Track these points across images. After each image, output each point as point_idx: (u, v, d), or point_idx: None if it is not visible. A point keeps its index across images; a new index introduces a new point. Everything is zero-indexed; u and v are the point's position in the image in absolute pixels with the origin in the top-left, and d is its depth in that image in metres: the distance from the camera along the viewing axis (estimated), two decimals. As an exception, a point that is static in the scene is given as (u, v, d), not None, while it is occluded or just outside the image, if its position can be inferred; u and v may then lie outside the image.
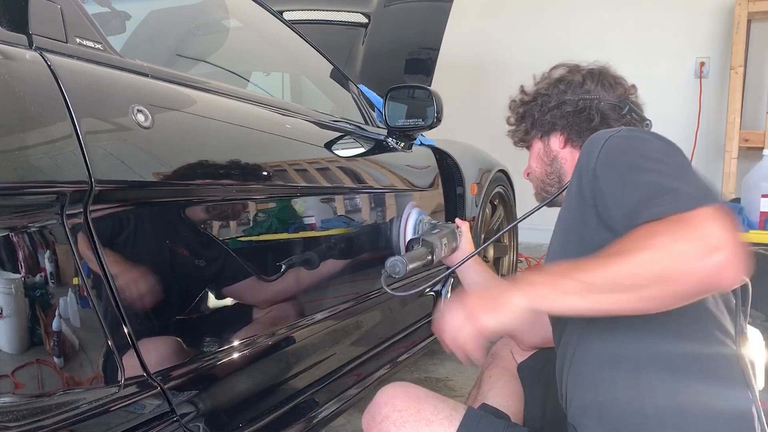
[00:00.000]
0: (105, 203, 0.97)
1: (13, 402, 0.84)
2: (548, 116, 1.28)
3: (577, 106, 1.25)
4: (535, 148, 1.34)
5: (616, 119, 1.25)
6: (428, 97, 1.99)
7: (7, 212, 0.84)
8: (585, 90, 1.27)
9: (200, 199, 1.20)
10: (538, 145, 1.33)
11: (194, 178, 1.16)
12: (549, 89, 1.30)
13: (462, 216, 2.42)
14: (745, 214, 2.89)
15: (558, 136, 1.29)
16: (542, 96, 1.30)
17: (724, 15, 3.80)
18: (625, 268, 0.80)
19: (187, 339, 1.16)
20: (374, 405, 1.11)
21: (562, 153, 1.29)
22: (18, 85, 0.86)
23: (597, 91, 1.26)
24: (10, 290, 0.86)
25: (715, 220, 0.79)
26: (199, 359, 1.17)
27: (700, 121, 3.84)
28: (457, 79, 4.07)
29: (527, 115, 1.33)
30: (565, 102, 1.26)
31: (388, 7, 2.85)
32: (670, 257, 0.78)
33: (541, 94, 1.31)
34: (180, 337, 1.15)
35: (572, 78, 1.29)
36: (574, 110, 1.25)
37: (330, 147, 1.67)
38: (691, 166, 0.92)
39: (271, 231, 1.39)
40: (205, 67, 1.78)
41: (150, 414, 1.02)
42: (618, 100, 1.26)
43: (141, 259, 1.07)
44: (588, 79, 1.28)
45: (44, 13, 0.99)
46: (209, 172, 1.19)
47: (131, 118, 1.03)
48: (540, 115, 1.30)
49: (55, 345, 0.91)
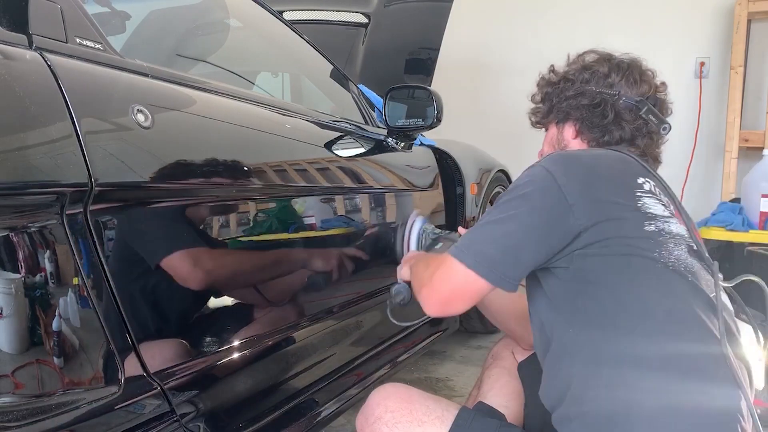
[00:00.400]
0: (105, 203, 0.97)
1: (13, 402, 0.84)
2: (565, 104, 1.27)
3: (594, 100, 1.23)
4: (550, 132, 1.33)
5: (630, 120, 1.22)
6: (428, 97, 1.99)
7: (7, 212, 0.84)
8: (608, 83, 1.23)
9: (200, 199, 1.20)
10: (552, 130, 1.32)
11: (194, 178, 1.16)
12: (575, 74, 1.27)
13: (462, 216, 2.42)
14: (745, 214, 2.89)
15: (572, 125, 1.27)
16: (567, 81, 1.28)
17: (724, 15, 3.79)
18: (416, 273, 1.25)
19: (187, 339, 1.16)
20: (367, 406, 1.11)
21: (572, 143, 1.28)
22: (18, 85, 0.86)
23: (620, 86, 1.23)
24: (10, 290, 0.86)
25: (442, 269, 1.07)
26: (199, 359, 1.17)
27: (700, 121, 3.83)
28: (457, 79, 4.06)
29: (548, 98, 1.31)
30: (584, 93, 1.24)
31: (388, 7, 2.85)
32: (418, 278, 1.20)
33: (566, 79, 1.28)
34: (180, 337, 1.15)
35: (599, 68, 1.25)
36: (590, 104, 1.23)
37: (330, 147, 1.67)
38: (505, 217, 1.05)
39: (271, 231, 1.39)
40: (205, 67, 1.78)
41: (150, 414, 1.02)
42: (638, 98, 1.22)
43: (141, 259, 1.07)
44: (614, 72, 1.24)
45: (44, 13, 0.99)
46: (209, 172, 1.19)
47: (131, 118, 1.03)
48: (558, 101, 1.28)
49: (55, 345, 0.91)
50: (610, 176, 1.07)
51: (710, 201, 3.50)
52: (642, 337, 0.96)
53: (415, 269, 1.26)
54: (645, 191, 1.06)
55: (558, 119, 1.30)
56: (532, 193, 1.04)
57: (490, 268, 1.02)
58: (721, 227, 2.88)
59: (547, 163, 1.07)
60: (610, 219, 1.01)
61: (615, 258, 1.00)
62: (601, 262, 1.00)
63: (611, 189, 1.04)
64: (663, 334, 0.97)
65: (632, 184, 1.06)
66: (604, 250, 1.00)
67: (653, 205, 1.05)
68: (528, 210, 1.03)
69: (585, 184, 1.03)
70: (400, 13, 2.90)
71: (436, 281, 1.08)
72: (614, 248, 1.00)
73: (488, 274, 1.02)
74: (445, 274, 1.07)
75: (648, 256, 1.00)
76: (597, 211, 1.01)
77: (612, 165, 1.10)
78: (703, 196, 3.75)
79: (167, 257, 1.13)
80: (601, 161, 1.10)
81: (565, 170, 1.04)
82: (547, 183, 1.03)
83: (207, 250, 1.23)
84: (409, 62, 2.86)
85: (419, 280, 1.18)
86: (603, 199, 1.02)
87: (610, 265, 1.00)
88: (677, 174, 3.77)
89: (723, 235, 2.84)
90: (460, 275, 1.04)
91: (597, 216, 1.00)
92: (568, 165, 1.06)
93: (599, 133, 1.23)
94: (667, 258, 1.01)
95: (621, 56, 1.28)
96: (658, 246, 1.01)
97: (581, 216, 1.00)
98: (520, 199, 1.04)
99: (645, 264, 1.00)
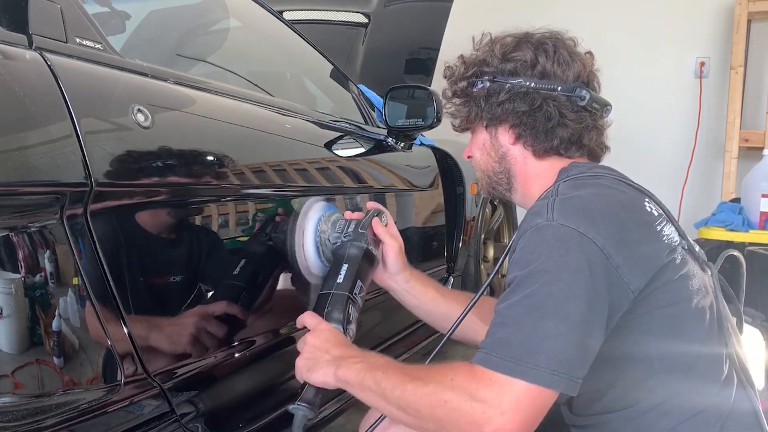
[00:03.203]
0: (105, 203, 0.97)
1: (13, 402, 0.84)
2: (499, 109, 1.08)
3: (534, 104, 1.05)
4: (479, 137, 1.15)
5: (573, 117, 1.06)
6: (428, 97, 1.99)
7: (7, 212, 0.84)
8: (538, 72, 1.05)
9: (200, 199, 1.20)
10: (483, 135, 1.14)
11: (194, 178, 1.16)
12: (495, 64, 1.08)
13: (462, 216, 2.42)
14: (745, 214, 2.89)
15: (508, 130, 1.10)
16: (487, 74, 1.09)
17: (724, 15, 3.79)
18: (413, 397, 0.85)
19: (186, 339, 1.15)
20: (371, 412, 1.11)
21: (513, 150, 1.11)
22: (18, 85, 0.86)
23: (553, 73, 1.05)
24: (10, 290, 0.86)
25: (505, 394, 0.79)
26: (199, 359, 1.17)
27: (700, 121, 3.83)
28: (457, 79, 4.06)
29: (472, 98, 1.11)
30: (518, 95, 1.05)
31: (388, 7, 2.85)
32: (447, 411, 0.81)
33: (485, 71, 1.09)
34: (180, 337, 1.15)
35: (522, 56, 1.07)
36: (530, 109, 1.05)
37: (330, 147, 1.67)
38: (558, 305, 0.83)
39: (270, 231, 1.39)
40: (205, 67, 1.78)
41: (150, 414, 1.02)
42: (575, 84, 1.05)
43: (141, 259, 1.07)
44: (541, 56, 1.06)
45: (44, 13, 0.99)
46: (209, 172, 1.19)
47: (131, 118, 1.03)
48: (488, 105, 1.09)
49: (55, 345, 0.91)
50: (632, 220, 0.95)
51: (710, 201, 3.50)
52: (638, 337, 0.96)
53: (402, 395, 0.87)
54: (657, 218, 0.98)
55: (487, 123, 1.12)
56: (578, 264, 0.85)
57: (569, 377, 0.81)
58: (721, 227, 2.88)
59: (569, 220, 0.89)
60: (655, 273, 0.91)
61: (661, 311, 0.93)
62: (650, 318, 0.93)
63: (642, 236, 0.93)
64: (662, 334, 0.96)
65: (650, 218, 0.97)
66: (651, 306, 0.92)
67: (670, 232, 0.98)
68: (583, 288, 0.84)
69: (619, 239, 0.89)
70: (400, 13, 2.90)
71: (509, 412, 0.79)
72: (660, 299, 0.93)
73: (567, 386, 0.82)
74: (514, 400, 0.79)
75: (686, 296, 0.95)
76: (641, 268, 0.90)
77: (624, 204, 0.97)
78: (703, 196, 3.75)
79: (167, 257, 1.13)
80: (613, 201, 0.96)
81: (596, 227, 0.88)
82: (589, 248, 0.87)
83: (207, 250, 1.23)
84: (409, 62, 2.87)
85: (437, 415, 0.83)
86: (641, 251, 0.91)
87: (656, 320, 0.93)
88: (677, 174, 3.77)
89: (723, 235, 2.84)
90: (531, 395, 0.80)
91: (643, 274, 0.90)
92: (591, 219, 0.90)
93: (545, 140, 1.07)
94: (695, 285, 0.97)
95: (539, 33, 1.11)
96: (689, 278, 0.97)
97: (631, 280, 0.88)
98: (566, 273, 0.85)
99: (686, 309, 0.95)
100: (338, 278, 1.14)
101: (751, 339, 1.20)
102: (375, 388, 0.90)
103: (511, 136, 1.10)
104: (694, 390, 0.95)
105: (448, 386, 0.83)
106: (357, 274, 1.15)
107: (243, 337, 1.29)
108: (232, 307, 1.28)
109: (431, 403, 0.83)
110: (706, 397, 0.96)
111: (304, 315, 1.12)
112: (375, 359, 0.97)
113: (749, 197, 2.93)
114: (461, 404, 0.81)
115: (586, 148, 1.10)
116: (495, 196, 1.22)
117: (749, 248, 2.71)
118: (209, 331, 1.22)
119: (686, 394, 0.95)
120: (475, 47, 1.14)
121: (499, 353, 0.82)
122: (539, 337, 0.81)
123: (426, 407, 0.84)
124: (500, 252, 2.88)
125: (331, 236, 1.25)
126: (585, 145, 1.10)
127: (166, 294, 1.13)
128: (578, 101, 1.05)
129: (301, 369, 1.03)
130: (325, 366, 0.99)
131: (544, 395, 0.81)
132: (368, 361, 0.96)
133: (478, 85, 1.09)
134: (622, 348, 0.93)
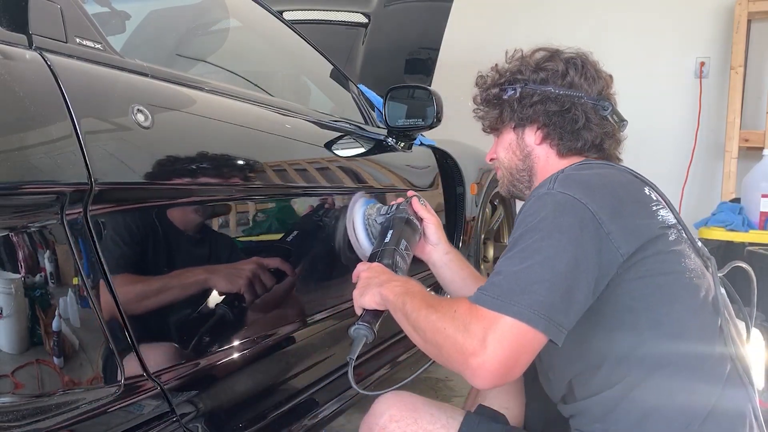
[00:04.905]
0: (105, 203, 0.97)
1: (13, 402, 0.84)
2: (530, 110, 1.17)
3: (564, 105, 1.14)
4: (506, 138, 1.23)
5: (597, 122, 1.16)
6: (428, 97, 1.99)
7: (7, 212, 0.84)
8: (567, 82, 1.15)
9: (200, 199, 1.20)
10: (510, 136, 1.22)
11: (194, 178, 1.16)
12: (527, 74, 1.18)
13: (462, 216, 2.42)
14: (745, 214, 2.90)
15: (535, 130, 1.18)
16: (519, 81, 1.18)
17: (724, 15, 3.79)
18: (424, 321, 0.97)
19: (187, 339, 1.16)
20: (371, 415, 1.11)
21: (537, 150, 1.20)
22: (18, 85, 0.86)
23: (580, 85, 1.15)
24: (10, 290, 0.86)
25: (490, 329, 0.88)
26: (199, 359, 1.17)
27: (700, 121, 3.83)
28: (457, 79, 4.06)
29: (503, 102, 1.20)
30: (549, 98, 1.15)
31: (388, 7, 2.85)
32: (444, 337, 0.93)
33: (518, 79, 1.18)
34: (180, 337, 1.15)
35: (554, 67, 1.17)
36: (560, 110, 1.15)
37: (330, 147, 1.67)
38: (547, 256, 0.92)
39: (271, 231, 1.39)
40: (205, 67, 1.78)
41: (150, 414, 1.02)
42: (599, 97, 1.16)
43: (141, 259, 1.07)
44: (571, 69, 1.16)
45: (44, 13, 0.99)
46: (209, 172, 1.19)
47: (131, 118, 1.03)
48: (520, 107, 1.18)
49: (55, 345, 0.91)
50: (629, 196, 1.02)
51: (710, 201, 3.50)
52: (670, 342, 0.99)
53: (417, 318, 1.00)
54: (655, 202, 1.05)
55: (516, 124, 1.20)
56: (570, 225, 0.94)
57: (549, 319, 0.88)
58: (721, 227, 2.88)
59: (569, 189, 0.99)
60: (645, 242, 0.97)
61: (653, 279, 0.98)
62: (642, 285, 0.98)
63: (635, 210, 1.00)
64: (690, 343, 0.99)
65: (647, 199, 1.04)
66: (642, 273, 0.97)
67: (666, 215, 1.04)
68: (572, 245, 0.92)
69: (613, 209, 0.97)
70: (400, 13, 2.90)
71: (491, 345, 0.87)
72: (652, 268, 0.98)
73: (547, 328, 0.88)
74: (497, 334, 0.88)
75: (678, 270, 1.00)
76: (632, 235, 0.97)
77: (623, 183, 1.05)
78: (703, 196, 3.75)
79: (167, 257, 1.13)
80: (613, 180, 1.05)
81: (592, 196, 0.97)
82: (582, 212, 0.95)
83: (207, 249, 1.23)
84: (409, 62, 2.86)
85: (436, 340, 0.94)
86: (634, 222, 0.98)
87: (648, 287, 0.98)
88: (677, 174, 3.77)
89: (723, 235, 2.85)
90: (513, 332, 0.88)
91: (634, 241, 0.96)
92: (589, 190, 0.99)
93: (571, 140, 1.16)
94: (689, 265, 1.02)
95: (568, 51, 1.20)
96: (683, 256, 1.02)
97: (621, 245, 0.95)
98: (557, 232, 0.94)
99: (678, 280, 1.00)
100: (385, 239, 1.30)
101: (751, 339, 1.20)
102: (402, 309, 1.03)
103: (537, 136, 1.19)
104: (684, 362, 0.99)
105: (449, 317, 0.93)
106: (401, 235, 1.31)
107: (243, 337, 1.29)
108: (232, 307, 1.28)
109: (435, 328, 0.95)
110: (698, 373, 0.99)
111: (358, 265, 1.25)
112: (412, 285, 1.09)
113: (749, 197, 2.93)
114: (455, 334, 0.91)
115: (605, 153, 1.19)
116: (514, 194, 1.29)
117: (749, 248, 2.71)
118: (209, 331, 1.22)
119: (676, 366, 0.98)
120: (507, 60, 1.24)
121: (489, 292, 0.92)
122: (526, 281, 0.91)
123: (430, 331, 0.96)
124: (500, 252, 2.87)
125: (377, 218, 1.47)
126: (605, 150, 1.18)
127: (166, 294, 1.13)
128: (601, 110, 1.16)
129: (356, 297, 1.16)
130: (373, 288, 1.12)
131: (528, 335, 0.88)
132: (406, 286, 1.09)
133: (510, 92, 1.19)
134: (613, 318, 0.98)
